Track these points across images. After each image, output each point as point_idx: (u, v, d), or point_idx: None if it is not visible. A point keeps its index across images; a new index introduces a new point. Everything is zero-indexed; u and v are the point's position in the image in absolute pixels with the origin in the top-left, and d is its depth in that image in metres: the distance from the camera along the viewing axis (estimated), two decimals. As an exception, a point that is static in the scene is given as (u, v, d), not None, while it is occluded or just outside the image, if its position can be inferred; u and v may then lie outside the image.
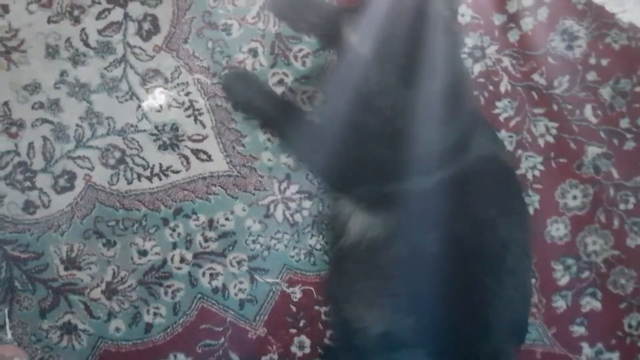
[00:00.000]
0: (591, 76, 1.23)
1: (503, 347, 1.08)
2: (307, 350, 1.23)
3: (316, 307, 1.22)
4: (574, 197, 1.24)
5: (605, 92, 1.23)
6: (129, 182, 1.19)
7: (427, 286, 1.01)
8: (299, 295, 1.23)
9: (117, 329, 1.20)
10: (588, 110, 1.24)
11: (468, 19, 1.21)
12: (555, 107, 1.23)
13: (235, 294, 1.22)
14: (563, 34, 1.23)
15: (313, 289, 1.23)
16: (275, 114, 1.16)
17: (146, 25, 1.17)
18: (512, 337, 1.13)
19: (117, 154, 1.19)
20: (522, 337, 1.17)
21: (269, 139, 1.22)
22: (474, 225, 1.03)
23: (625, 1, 1.23)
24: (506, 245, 1.04)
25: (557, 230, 1.24)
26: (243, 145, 1.21)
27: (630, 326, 1.26)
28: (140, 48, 1.18)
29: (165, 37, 1.18)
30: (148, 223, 1.20)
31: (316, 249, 1.23)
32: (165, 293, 1.21)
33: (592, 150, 1.24)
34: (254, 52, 1.20)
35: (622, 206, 1.25)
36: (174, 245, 1.20)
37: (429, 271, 1.02)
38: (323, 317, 1.22)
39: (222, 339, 1.21)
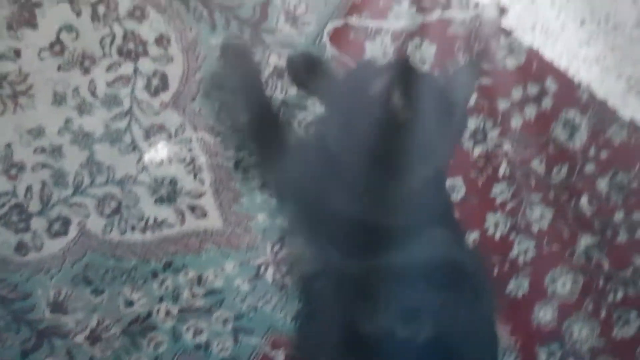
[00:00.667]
0: (589, 167, 1.26)
1: None
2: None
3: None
4: (564, 284, 1.26)
5: (602, 184, 1.27)
6: (123, 233, 1.22)
7: None
8: (280, 358, 1.24)
9: (97, 376, 1.21)
10: (584, 200, 1.27)
11: (472, 102, 1.24)
12: (552, 195, 1.25)
13: (218, 352, 1.24)
14: (565, 124, 1.26)
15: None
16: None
17: (155, 81, 1.20)
18: None
19: (114, 204, 1.21)
20: None
21: (265, 201, 1.24)
22: None
23: (627, 98, 1.26)
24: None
25: (544, 315, 1.26)
26: (240, 205, 1.23)
27: (609, 418, 1.27)
28: (148, 103, 1.21)
29: (173, 94, 1.21)
30: (137, 274, 1.22)
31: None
32: (148, 345, 1.23)
33: (585, 240, 1.27)
34: (259, 116, 1.23)
35: (610, 297, 1.27)
36: (161, 299, 1.23)
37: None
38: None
39: (201, 396, 1.23)
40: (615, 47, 1.27)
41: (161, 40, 1.20)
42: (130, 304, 1.22)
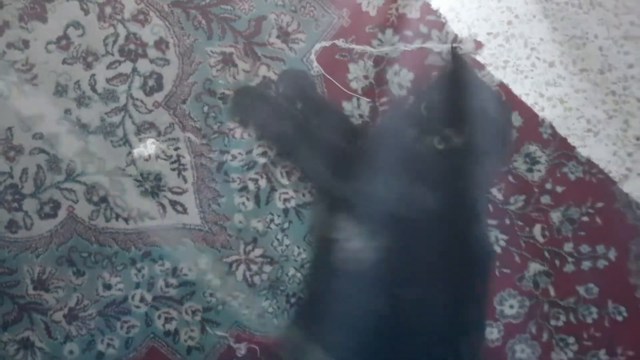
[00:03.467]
0: (545, 199, 1.45)
1: None
2: (242, 403, 1.41)
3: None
4: (511, 306, 1.45)
5: (555, 216, 1.45)
6: (107, 220, 1.39)
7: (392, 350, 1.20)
8: (243, 351, 1.42)
9: (71, 352, 1.39)
10: (537, 230, 1.45)
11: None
12: (507, 221, 1.44)
13: (185, 340, 1.41)
14: (526, 157, 1.45)
15: (258, 348, 1.42)
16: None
17: (151, 82, 1.38)
18: None
19: (102, 192, 1.39)
20: None
21: (243, 203, 1.41)
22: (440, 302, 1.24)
23: (586, 138, 1.45)
24: (465, 328, 1.25)
25: (491, 333, 1.45)
26: (218, 205, 1.41)
27: None
28: (142, 101, 1.38)
29: (166, 95, 1.39)
30: (117, 260, 1.39)
31: (268, 312, 1.42)
32: (121, 327, 1.40)
33: (535, 267, 1.45)
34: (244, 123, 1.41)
35: (552, 322, 1.46)
36: (137, 285, 1.40)
37: (398, 337, 1.23)
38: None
39: (165, 379, 1.40)
40: (579, 90, 1.46)
41: (160, 44, 1.38)
42: (108, 287, 1.39)
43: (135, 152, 1.37)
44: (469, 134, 1.18)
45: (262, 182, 1.39)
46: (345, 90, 1.39)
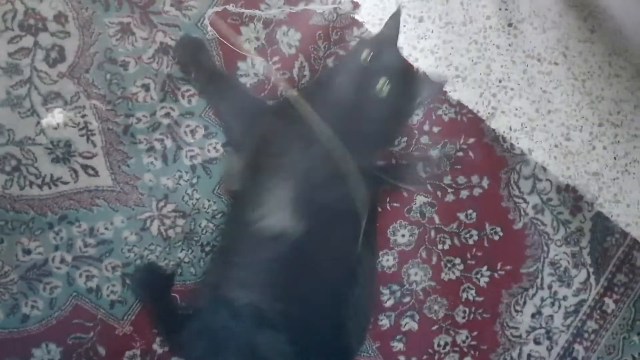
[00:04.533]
0: (424, 139, 1.67)
1: (352, 348, 1.48)
2: (167, 349, 1.56)
3: (179, 313, 1.56)
4: (403, 235, 1.67)
5: (434, 153, 1.68)
6: (22, 188, 1.49)
7: (299, 283, 1.35)
8: (162, 300, 1.56)
9: (-5, 317, 1.48)
10: (420, 166, 1.68)
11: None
12: (393, 161, 1.66)
13: (108, 295, 1.54)
14: (405, 103, 1.66)
15: (177, 296, 1.57)
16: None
17: (53, 54, 1.49)
18: (359, 341, 1.53)
19: (14, 162, 1.49)
20: (362, 342, 1.56)
21: (152, 162, 1.55)
22: (339, 243, 1.41)
23: (456, 83, 1.69)
24: (360, 262, 1.43)
25: (387, 261, 1.66)
26: (128, 166, 1.54)
27: (439, 345, 1.69)
28: (46, 73, 1.49)
29: (69, 66, 1.50)
30: (34, 225, 1.49)
31: (184, 262, 1.57)
32: (44, 289, 1.51)
33: (420, 199, 1.68)
34: (146, 87, 1.54)
35: (440, 246, 1.69)
36: (56, 248, 1.51)
37: (304, 272, 1.36)
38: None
39: (92, 334, 1.52)
40: (446, 41, 1.69)
41: (59, 18, 1.49)
42: (27, 252, 1.49)
43: (44, 122, 1.48)
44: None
45: (168, 142, 1.53)
46: (239, 51, 1.55)
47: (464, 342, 1.66)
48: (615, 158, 1.70)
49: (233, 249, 1.43)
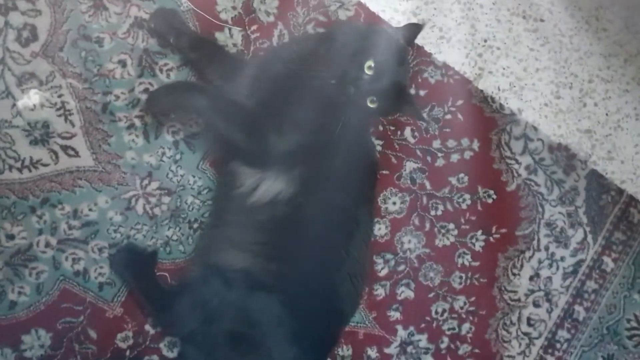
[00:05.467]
0: (411, 103, 1.65)
1: (346, 311, 1.46)
2: (159, 329, 1.55)
3: (167, 290, 1.54)
4: (394, 203, 1.65)
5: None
6: (1, 172, 1.47)
7: (293, 244, 1.34)
8: (153, 279, 1.55)
9: (-18, 306, 1.46)
10: (408, 132, 1.66)
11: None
12: (381, 128, 1.64)
13: (96, 277, 1.52)
14: (389, 67, 1.64)
15: (167, 275, 1.55)
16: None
17: (25, 33, 1.47)
18: (352, 306, 1.50)
19: (-9, 146, 1.47)
20: (356, 306, 1.54)
21: (133, 140, 1.53)
22: (337, 206, 1.39)
23: (440, 44, 1.67)
24: (358, 224, 1.42)
25: (379, 230, 1.65)
26: (109, 144, 1.52)
27: (436, 312, 1.68)
28: (19, 53, 1.46)
29: (42, 45, 1.47)
30: (16, 210, 1.48)
31: (172, 240, 1.56)
32: (30, 274, 1.49)
33: (410, 165, 1.66)
34: (123, 63, 1.52)
35: (432, 212, 1.67)
36: (40, 231, 1.49)
37: (298, 233, 1.35)
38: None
39: (82, 317, 1.51)
40: (428, 2, 1.67)
41: (29, -4, 1.47)
42: (11, 237, 1.48)
43: (20, 103, 1.46)
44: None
45: (148, 118, 1.51)
46: (215, 21, 1.52)
47: (461, 308, 1.65)
48: (607, 114, 1.69)
49: (225, 211, 1.43)
